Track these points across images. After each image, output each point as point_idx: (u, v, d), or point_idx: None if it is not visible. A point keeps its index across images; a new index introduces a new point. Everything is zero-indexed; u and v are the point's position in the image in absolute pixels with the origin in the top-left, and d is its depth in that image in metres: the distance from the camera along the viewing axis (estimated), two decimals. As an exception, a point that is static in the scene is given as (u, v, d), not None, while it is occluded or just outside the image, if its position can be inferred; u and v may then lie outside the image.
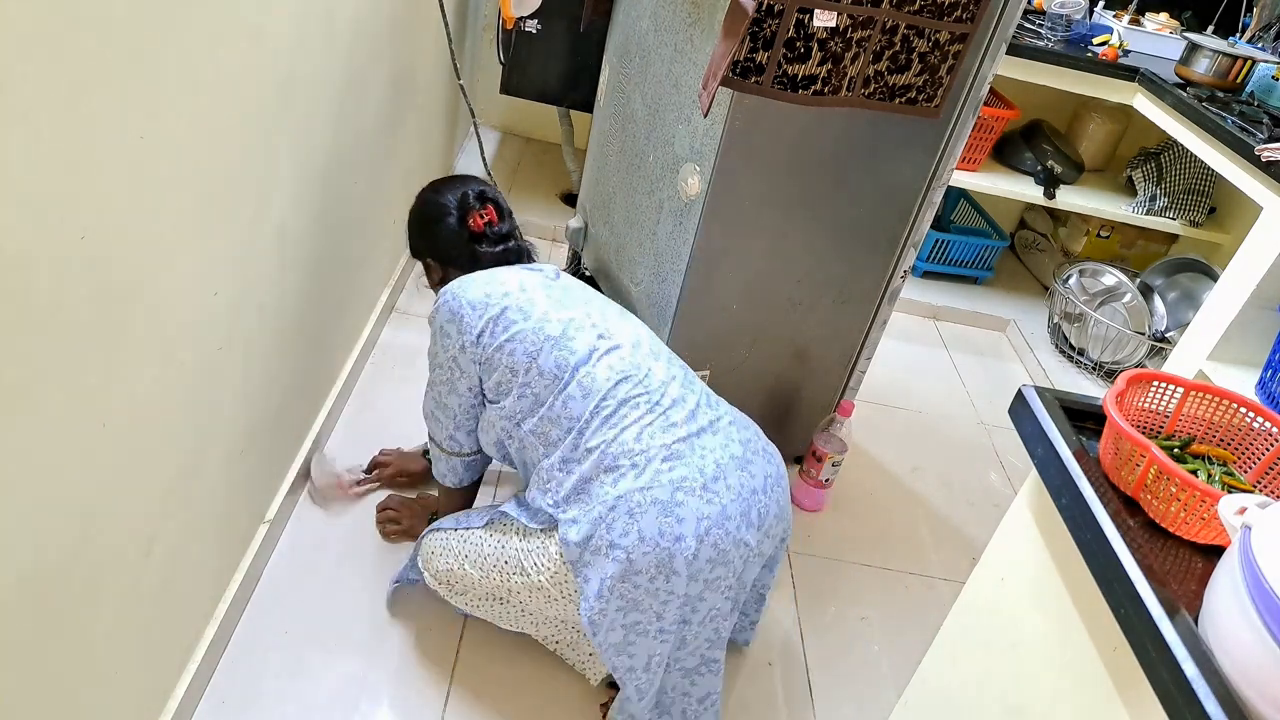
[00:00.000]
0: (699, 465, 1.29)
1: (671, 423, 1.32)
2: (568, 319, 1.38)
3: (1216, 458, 0.94)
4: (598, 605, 1.25)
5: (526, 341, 1.36)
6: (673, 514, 1.25)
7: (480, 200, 1.51)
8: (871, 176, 1.68)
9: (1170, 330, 2.72)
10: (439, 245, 1.54)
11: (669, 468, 1.28)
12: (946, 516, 2.15)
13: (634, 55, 1.81)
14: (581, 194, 2.15)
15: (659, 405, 1.33)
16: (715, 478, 1.29)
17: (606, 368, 1.34)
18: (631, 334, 1.43)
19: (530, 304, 1.39)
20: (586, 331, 1.38)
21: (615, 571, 1.23)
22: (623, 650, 1.29)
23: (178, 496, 1.18)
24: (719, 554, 1.27)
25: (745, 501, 1.31)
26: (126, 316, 0.94)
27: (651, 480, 1.26)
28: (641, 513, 1.24)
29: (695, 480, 1.28)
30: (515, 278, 1.44)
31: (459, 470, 1.57)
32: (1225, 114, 2.31)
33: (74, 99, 0.77)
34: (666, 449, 1.29)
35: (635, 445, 1.29)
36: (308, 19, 1.32)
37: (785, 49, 1.39)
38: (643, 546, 1.23)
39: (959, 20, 1.46)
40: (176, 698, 1.29)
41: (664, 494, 1.25)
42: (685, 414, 1.34)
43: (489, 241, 1.51)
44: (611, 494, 1.26)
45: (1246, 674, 0.67)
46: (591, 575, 1.26)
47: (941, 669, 1.19)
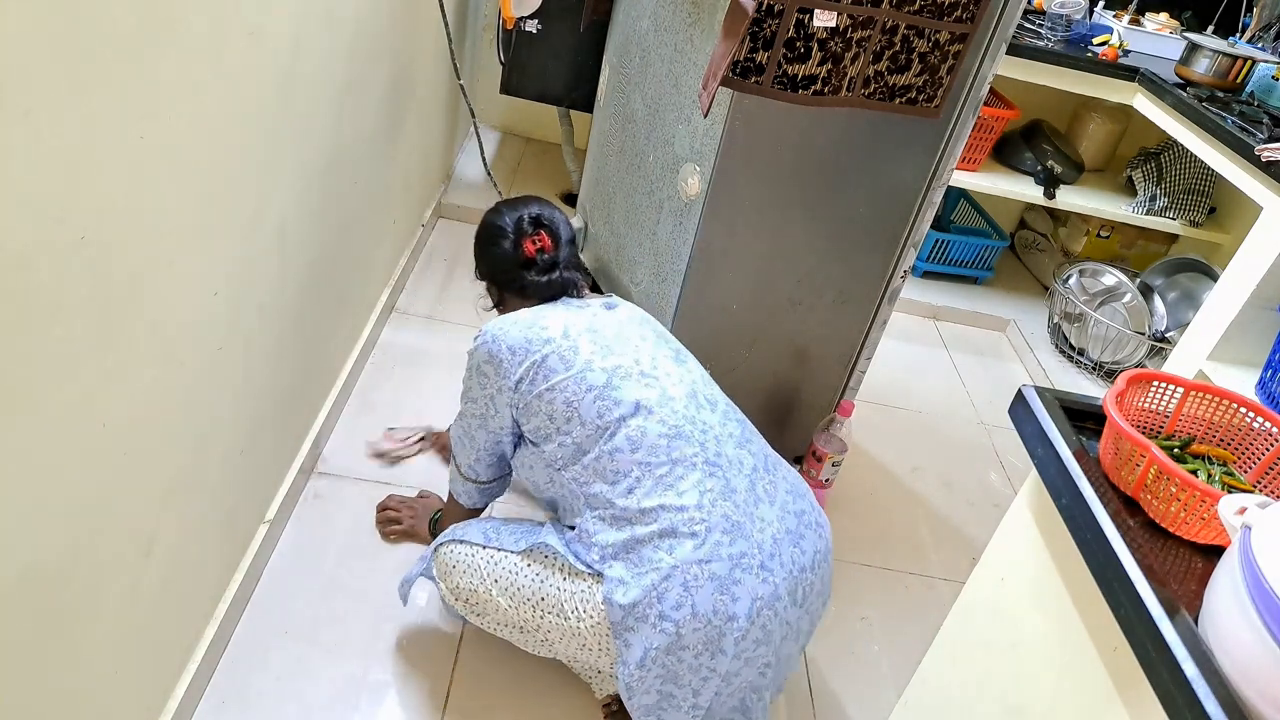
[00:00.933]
0: (759, 540, 1.24)
1: (732, 489, 1.26)
2: (613, 367, 1.31)
3: (1216, 458, 0.94)
4: (638, 674, 1.21)
5: (567, 391, 1.30)
6: (729, 592, 1.20)
7: (535, 225, 1.46)
8: (871, 176, 1.68)
9: (1170, 330, 2.72)
10: (493, 268, 1.50)
11: (729, 540, 1.22)
12: (946, 516, 2.15)
13: (634, 55, 1.81)
14: (581, 194, 2.15)
15: (718, 468, 1.27)
16: (772, 555, 1.24)
17: (659, 422, 1.27)
18: (686, 382, 1.35)
19: (573, 351, 1.32)
20: (633, 381, 1.30)
21: (662, 644, 1.19)
22: (652, 713, 1.26)
23: (178, 496, 1.18)
24: (765, 635, 1.24)
25: (794, 580, 1.27)
26: (126, 316, 0.94)
27: (711, 554, 1.20)
28: (698, 587, 1.19)
29: (754, 558, 1.23)
30: (560, 320, 1.36)
31: (474, 495, 1.55)
32: (1225, 114, 2.31)
33: (74, 99, 0.77)
34: (727, 520, 1.23)
35: (696, 513, 1.22)
36: (308, 19, 1.32)
37: (785, 49, 1.40)
38: (694, 623, 1.18)
39: (959, 20, 1.47)
40: (176, 698, 1.29)
41: (723, 570, 1.20)
42: (745, 479, 1.29)
43: (537, 270, 1.44)
44: (667, 562, 1.20)
45: (1246, 674, 0.67)
46: (635, 642, 1.21)
47: (941, 669, 1.19)
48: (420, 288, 2.45)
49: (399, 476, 1.85)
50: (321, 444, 1.85)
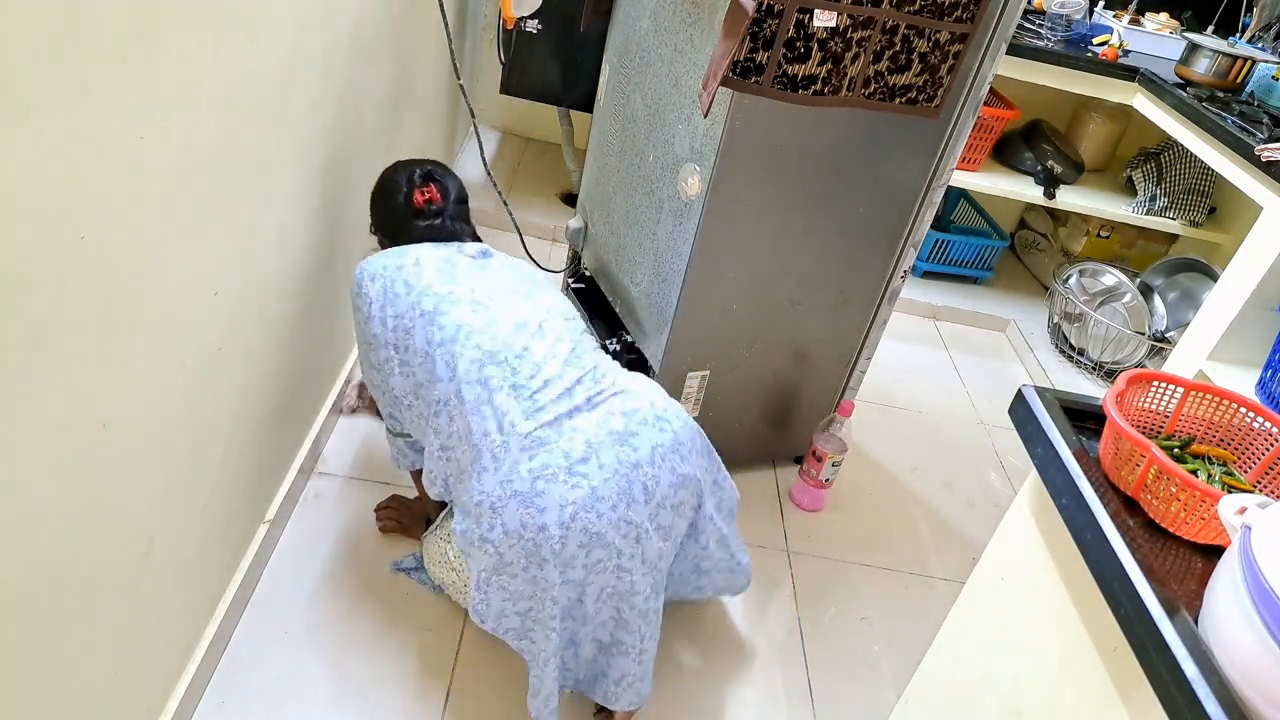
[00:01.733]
0: (564, 449, 1.26)
1: (538, 406, 1.29)
2: (446, 293, 1.37)
3: (1216, 458, 0.94)
4: (479, 596, 1.28)
5: (404, 317, 1.37)
6: (533, 504, 1.22)
7: (425, 179, 1.54)
8: (871, 176, 1.68)
9: (1170, 330, 2.72)
10: (386, 220, 1.57)
11: (528, 457, 1.25)
12: (946, 516, 2.15)
13: (634, 55, 1.81)
14: (581, 194, 2.15)
15: (525, 389, 1.30)
16: (584, 459, 1.25)
17: (474, 348, 1.32)
18: (519, 312, 1.38)
19: (417, 277, 1.39)
20: (461, 307, 1.35)
21: (489, 564, 1.25)
22: (523, 635, 1.31)
23: (178, 496, 1.18)
24: (591, 538, 1.24)
25: (625, 478, 1.26)
26: (126, 317, 0.94)
27: (510, 473, 1.24)
28: (502, 507, 1.23)
29: (559, 465, 1.24)
30: (419, 252, 1.45)
31: (407, 454, 1.57)
32: (1225, 114, 2.31)
33: (74, 99, 0.77)
34: (525, 438, 1.26)
35: (497, 436, 1.27)
36: (308, 19, 1.32)
37: (785, 49, 1.39)
38: (508, 540, 1.23)
39: (959, 20, 1.47)
40: (177, 698, 1.29)
41: (523, 485, 1.23)
42: (558, 393, 1.31)
43: (423, 217, 1.53)
44: (476, 490, 1.26)
45: (1246, 674, 0.67)
46: (472, 565, 1.29)
47: (941, 669, 1.19)
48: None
49: (398, 475, 1.85)
50: (321, 444, 1.85)
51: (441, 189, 1.55)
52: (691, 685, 1.59)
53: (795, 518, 2.02)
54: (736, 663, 1.65)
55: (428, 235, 1.52)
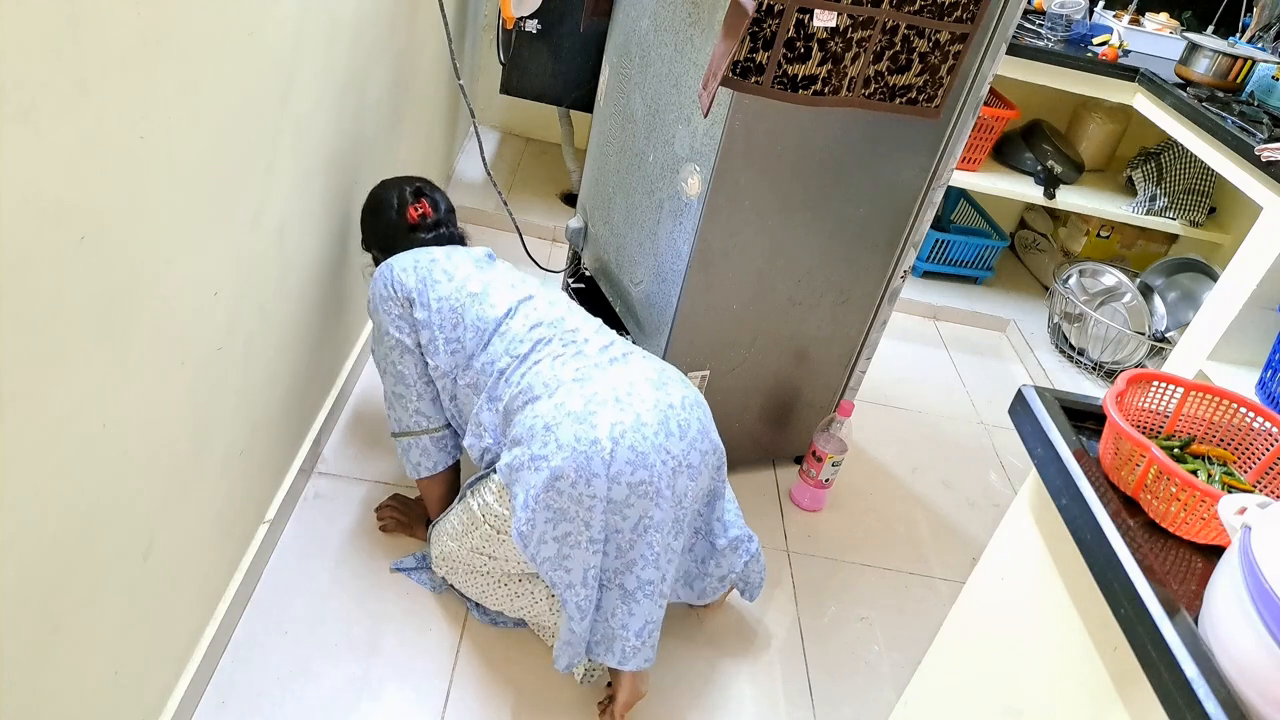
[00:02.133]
0: (610, 384, 1.37)
1: (582, 354, 1.42)
2: (488, 280, 1.51)
3: (1216, 458, 0.94)
4: (524, 516, 1.30)
5: (451, 298, 1.48)
6: (586, 421, 1.31)
7: (416, 195, 1.65)
8: (871, 176, 1.68)
9: (1170, 330, 2.72)
10: (381, 236, 1.66)
11: (580, 386, 1.36)
12: (946, 516, 2.15)
13: (634, 55, 1.81)
14: (582, 194, 2.15)
15: (572, 343, 1.44)
16: (628, 392, 1.37)
17: (523, 318, 1.46)
18: (550, 294, 1.55)
19: (454, 267, 1.52)
20: (505, 291, 1.50)
21: (539, 481, 1.29)
22: (559, 565, 1.33)
23: (178, 496, 1.18)
24: (637, 456, 1.31)
25: (662, 413, 1.37)
26: (126, 316, 0.94)
27: (564, 398, 1.34)
28: (556, 424, 1.31)
29: (607, 394, 1.35)
30: (442, 250, 1.56)
31: (431, 452, 1.58)
32: (1225, 114, 2.31)
33: (74, 99, 0.77)
34: (578, 373, 1.38)
35: (549, 374, 1.38)
36: (308, 19, 1.32)
37: (785, 49, 1.39)
38: (561, 453, 1.29)
39: (959, 20, 1.46)
40: (176, 698, 1.29)
41: (577, 406, 1.33)
42: (597, 348, 1.44)
43: (424, 229, 1.63)
44: (529, 417, 1.35)
45: (1246, 674, 0.67)
46: (518, 490, 1.32)
47: (941, 669, 1.19)
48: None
49: (399, 476, 1.85)
50: (321, 444, 1.85)
51: (432, 203, 1.65)
52: (692, 685, 1.59)
53: (795, 518, 2.02)
54: (736, 662, 1.65)
55: (435, 243, 1.62)
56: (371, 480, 1.83)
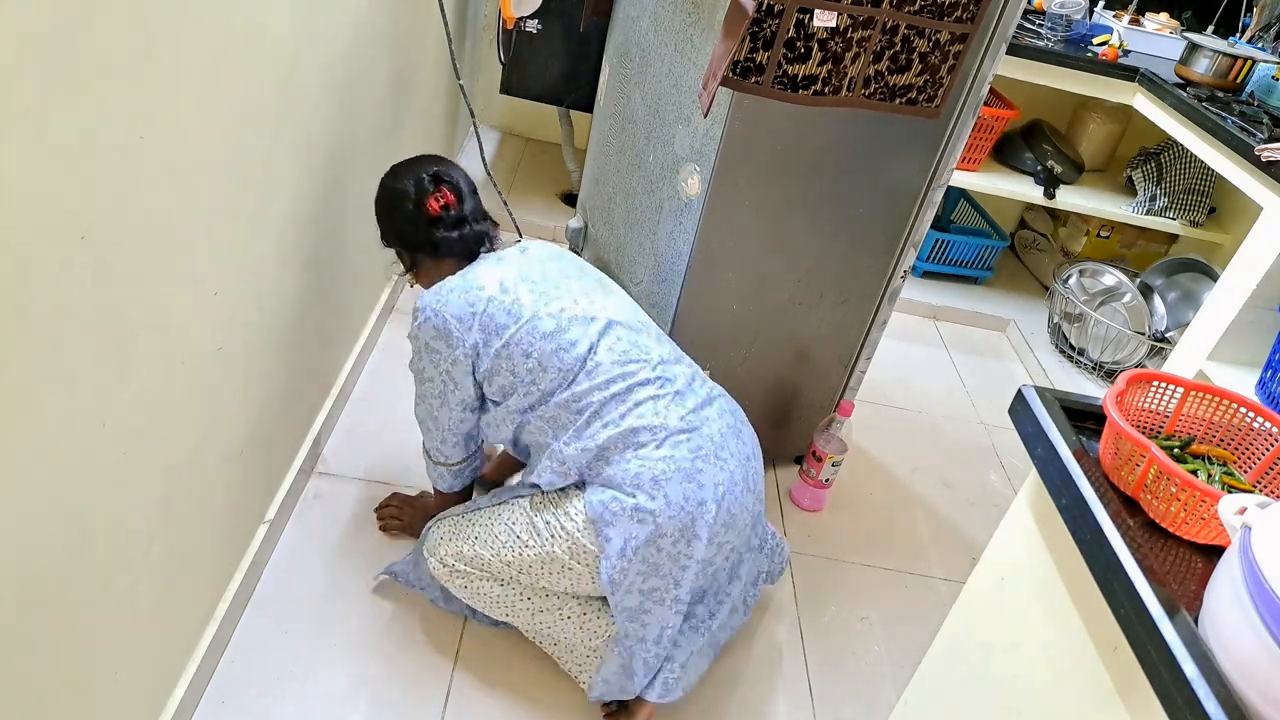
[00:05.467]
0: (709, 434, 1.37)
1: (680, 396, 1.38)
2: (558, 311, 1.38)
3: (1216, 458, 0.94)
4: (620, 564, 1.30)
5: (523, 343, 1.36)
6: (695, 480, 1.31)
7: (435, 182, 1.44)
8: (871, 176, 1.68)
9: (1170, 330, 2.72)
10: (400, 232, 1.50)
11: (686, 438, 1.34)
12: (946, 516, 2.15)
13: (634, 55, 1.81)
14: (582, 194, 2.15)
15: (668, 383, 1.39)
16: (722, 445, 1.37)
17: (608, 350, 1.38)
18: (620, 311, 1.45)
19: (516, 304, 1.38)
20: (580, 322, 1.39)
21: (642, 535, 1.29)
22: (637, 617, 1.34)
23: (178, 496, 1.18)
24: (731, 518, 1.35)
25: (745, 467, 1.40)
26: (126, 317, 0.94)
27: (672, 450, 1.32)
28: (667, 480, 1.30)
29: (709, 449, 1.35)
30: (493, 277, 1.40)
31: (447, 478, 1.59)
32: (1225, 114, 2.31)
33: (74, 99, 0.77)
34: (682, 421, 1.35)
35: (654, 419, 1.34)
36: (308, 19, 1.32)
37: (785, 49, 1.39)
38: (669, 510, 1.29)
39: (959, 20, 1.46)
40: (176, 698, 1.29)
41: (685, 462, 1.32)
42: (686, 385, 1.41)
43: (444, 226, 1.45)
44: (635, 464, 1.32)
45: (1246, 674, 0.67)
46: (614, 535, 1.30)
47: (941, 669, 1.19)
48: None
49: (399, 476, 1.85)
50: (321, 444, 1.85)
51: (454, 189, 1.46)
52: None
53: (795, 518, 2.02)
54: (736, 663, 1.65)
55: (459, 246, 1.46)
56: (371, 480, 1.83)
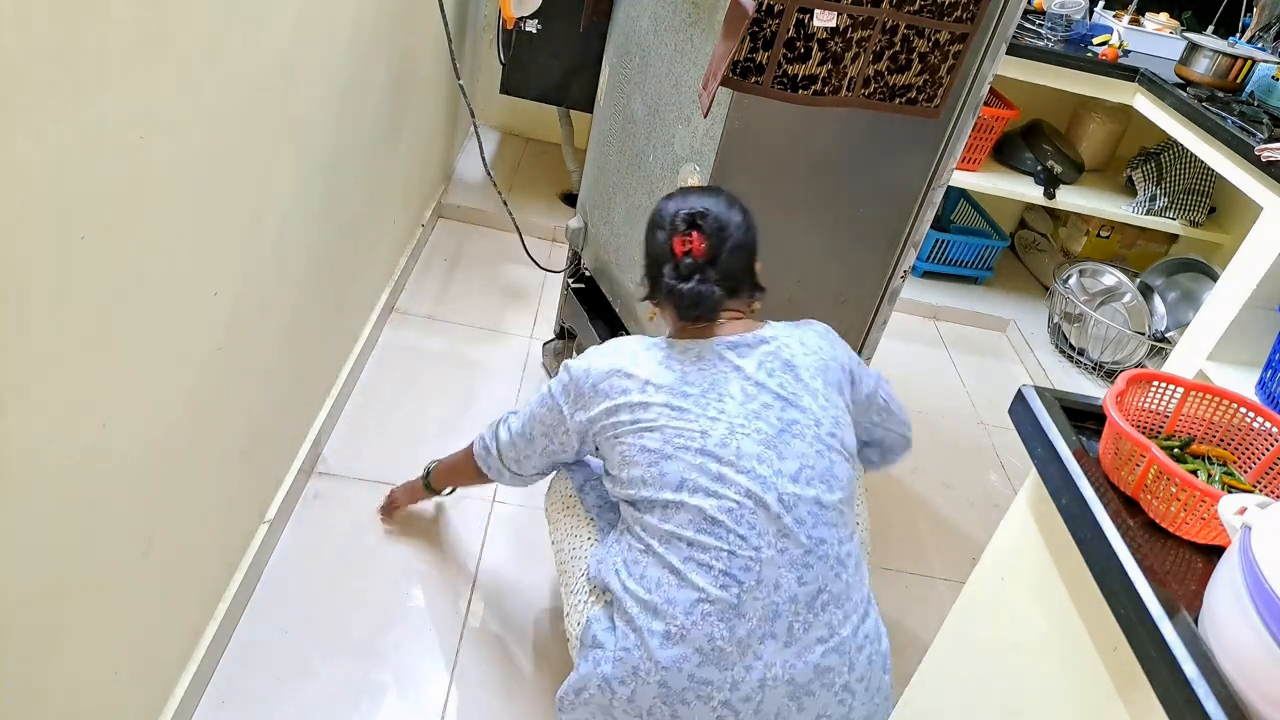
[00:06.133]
0: (734, 678, 1.11)
1: (741, 613, 1.11)
2: (673, 433, 1.18)
3: (1216, 458, 0.94)
4: (572, 697, 1.20)
5: (624, 445, 1.21)
6: (671, 707, 1.11)
7: (689, 223, 1.28)
8: (871, 176, 1.68)
9: (1170, 330, 2.72)
10: (647, 258, 1.37)
11: (699, 663, 1.10)
12: (946, 516, 2.15)
13: (634, 55, 1.81)
14: (582, 194, 2.15)
15: (736, 584, 1.11)
16: (747, 699, 1.11)
17: (695, 510, 1.14)
18: (760, 471, 1.15)
19: (643, 408, 1.20)
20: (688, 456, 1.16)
21: (598, 699, 1.15)
22: None
23: (178, 496, 1.18)
24: None
25: None
26: (127, 316, 0.94)
27: (673, 662, 1.10)
28: (644, 682, 1.12)
29: (719, 693, 1.10)
30: (649, 371, 1.23)
31: (505, 477, 1.45)
32: (1225, 114, 2.31)
33: (74, 99, 0.77)
34: (710, 642, 1.10)
35: (683, 619, 1.11)
36: (308, 18, 1.32)
37: (785, 49, 1.39)
38: (628, 707, 1.13)
39: (959, 20, 1.47)
40: (176, 697, 1.29)
41: (677, 684, 1.10)
42: (766, 607, 1.12)
43: (675, 273, 1.28)
44: (632, 640, 1.13)
45: (1246, 674, 0.67)
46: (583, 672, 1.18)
47: (941, 669, 1.19)
48: (420, 288, 2.45)
49: (399, 476, 1.85)
50: (321, 444, 1.85)
51: (706, 238, 1.27)
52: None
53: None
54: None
55: (679, 300, 1.27)
56: (371, 480, 1.83)
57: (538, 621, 1.64)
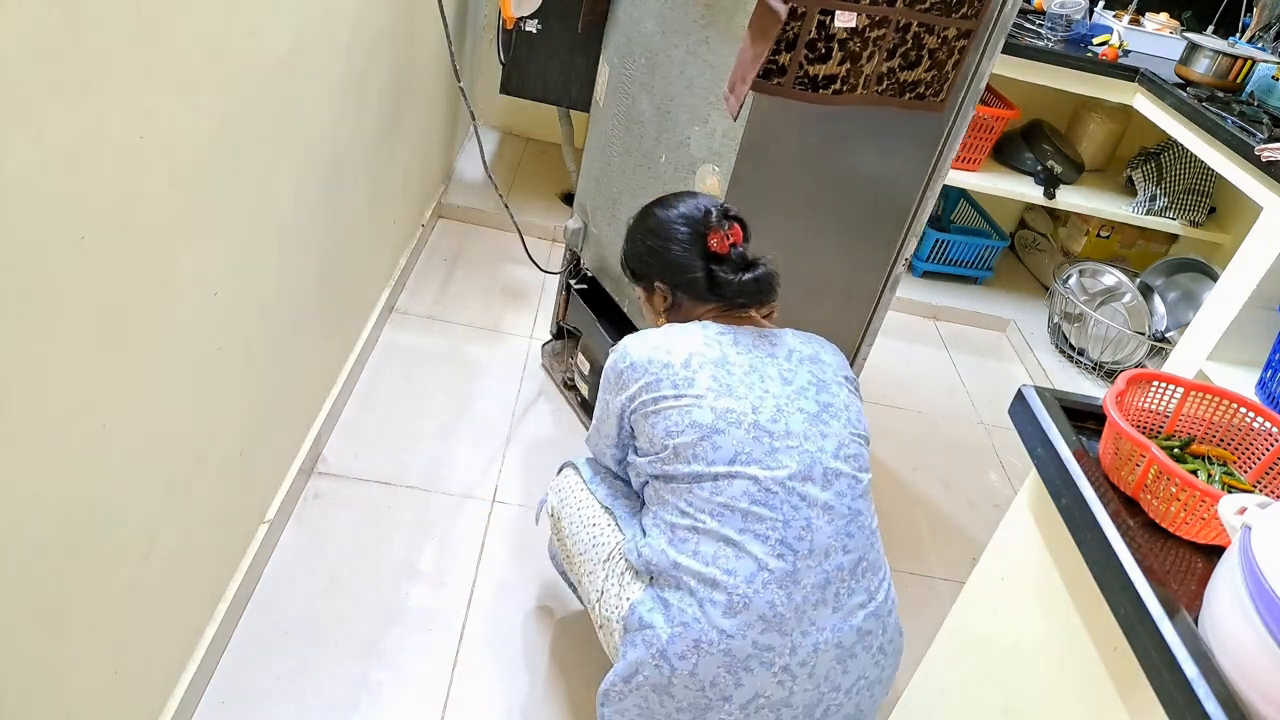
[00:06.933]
0: (795, 643, 1.15)
1: (796, 579, 1.15)
2: (724, 409, 1.20)
3: (1216, 458, 0.94)
4: (620, 687, 1.19)
5: (670, 420, 1.22)
6: (735, 674, 1.13)
7: (725, 218, 1.33)
8: (877, 170, 1.71)
9: (1170, 330, 2.72)
10: (668, 264, 1.36)
11: (762, 629, 1.13)
12: (946, 516, 2.15)
13: (637, 56, 1.81)
14: (579, 194, 2.15)
15: (792, 553, 1.15)
16: (804, 664, 1.15)
17: (751, 480, 1.17)
18: (806, 448, 1.20)
19: (688, 383, 1.22)
20: (741, 431, 1.19)
21: (654, 680, 1.16)
22: None
23: (178, 496, 1.18)
24: None
25: (818, 695, 1.18)
26: (126, 316, 0.94)
27: (738, 629, 1.13)
28: (708, 653, 1.13)
29: (780, 658, 1.14)
30: (688, 347, 1.25)
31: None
32: (1225, 114, 2.31)
33: (74, 99, 0.77)
34: (771, 609, 1.13)
35: (745, 586, 1.14)
36: (308, 19, 1.32)
37: (807, 50, 1.41)
38: (690, 681, 1.14)
39: (965, 17, 1.50)
40: (176, 698, 1.29)
41: (741, 651, 1.13)
42: (819, 574, 1.17)
43: (729, 266, 1.32)
44: (693, 613, 1.14)
45: (1246, 674, 0.67)
46: (632, 659, 1.18)
47: (941, 669, 1.19)
48: (420, 288, 2.45)
49: (399, 476, 1.85)
50: (321, 444, 1.85)
51: (745, 229, 1.35)
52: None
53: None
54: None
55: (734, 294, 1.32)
56: (371, 480, 1.83)
57: (538, 621, 1.64)
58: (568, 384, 2.21)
